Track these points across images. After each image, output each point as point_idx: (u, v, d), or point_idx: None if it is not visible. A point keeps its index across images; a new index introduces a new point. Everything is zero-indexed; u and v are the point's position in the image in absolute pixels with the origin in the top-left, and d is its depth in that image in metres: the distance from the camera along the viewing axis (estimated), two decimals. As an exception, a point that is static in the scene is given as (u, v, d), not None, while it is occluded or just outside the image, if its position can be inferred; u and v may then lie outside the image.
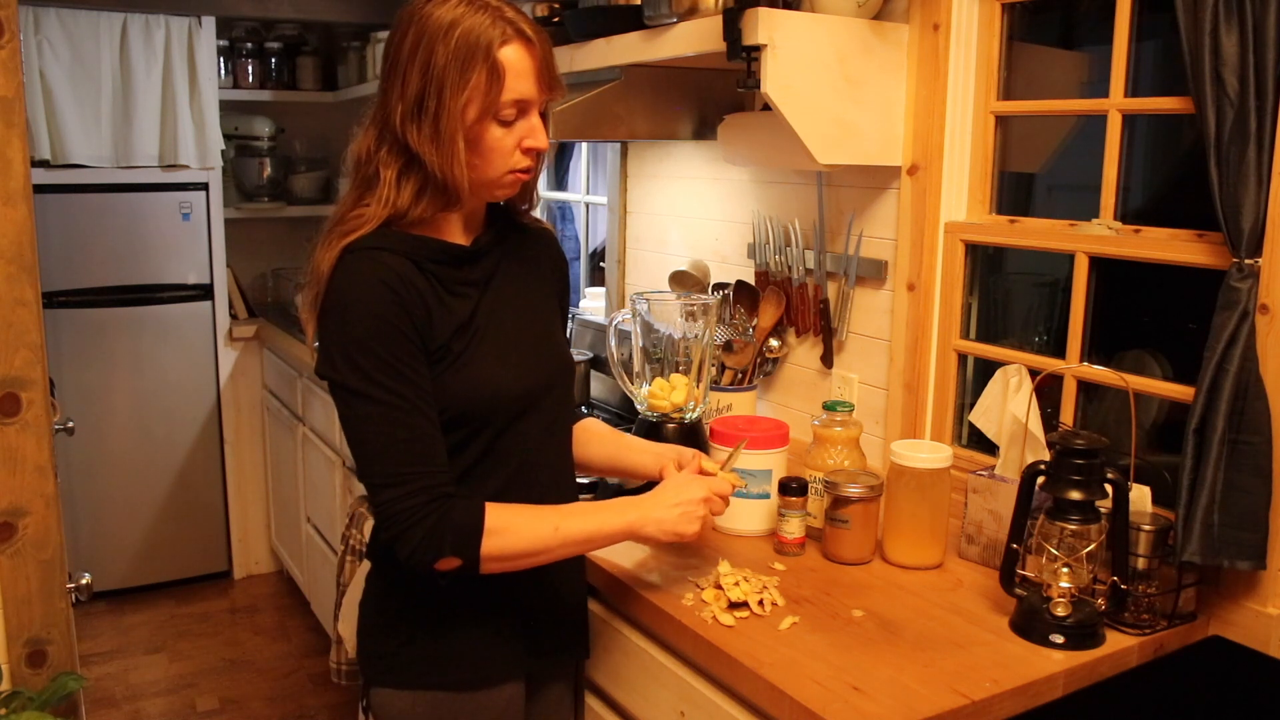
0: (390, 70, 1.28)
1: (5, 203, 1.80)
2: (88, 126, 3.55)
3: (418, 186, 1.29)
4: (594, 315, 3.09)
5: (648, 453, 1.62)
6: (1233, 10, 1.38)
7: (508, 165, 1.31)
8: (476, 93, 1.24)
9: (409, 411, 1.27)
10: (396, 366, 1.26)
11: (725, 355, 2.21)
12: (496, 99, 1.25)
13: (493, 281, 1.40)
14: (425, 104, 1.25)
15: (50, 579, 1.93)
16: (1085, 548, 1.41)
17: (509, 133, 1.29)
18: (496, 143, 1.29)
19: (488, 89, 1.24)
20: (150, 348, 3.80)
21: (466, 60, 1.23)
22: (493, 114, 1.27)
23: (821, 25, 1.81)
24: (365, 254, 1.28)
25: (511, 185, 1.35)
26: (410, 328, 1.28)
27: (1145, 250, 1.63)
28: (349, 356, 1.26)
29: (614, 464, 1.65)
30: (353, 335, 1.26)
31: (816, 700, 1.24)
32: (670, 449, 1.61)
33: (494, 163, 1.30)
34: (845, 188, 2.13)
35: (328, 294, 1.28)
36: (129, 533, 3.86)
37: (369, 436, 1.27)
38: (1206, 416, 1.44)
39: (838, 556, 1.69)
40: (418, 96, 1.25)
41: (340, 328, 1.27)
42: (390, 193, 1.29)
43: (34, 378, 1.86)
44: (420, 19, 1.26)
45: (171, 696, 3.21)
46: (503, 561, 1.31)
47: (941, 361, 1.97)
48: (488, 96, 1.25)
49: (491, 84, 1.24)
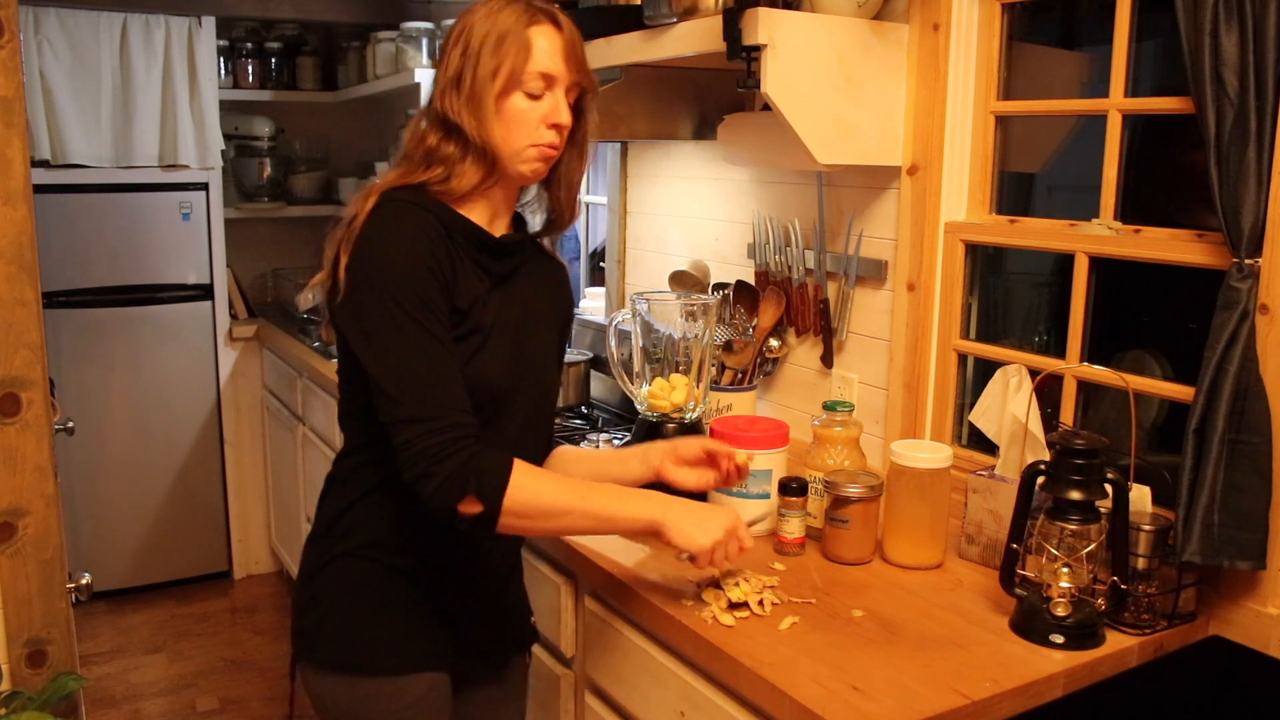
0: (438, 64, 1.41)
1: (5, 203, 1.80)
2: (88, 126, 3.55)
3: (457, 154, 1.37)
4: (594, 315, 3.09)
5: (632, 460, 1.60)
6: (1233, 10, 1.38)
7: (532, 138, 1.39)
8: (505, 62, 1.35)
9: (442, 350, 1.32)
10: (430, 307, 1.31)
11: (725, 355, 2.21)
12: (523, 68, 1.36)
13: (508, 282, 1.45)
14: (463, 77, 1.36)
15: (50, 579, 1.93)
16: (1085, 548, 1.41)
17: (535, 106, 1.38)
18: (522, 114, 1.38)
19: (515, 59, 1.35)
20: (150, 348, 3.80)
21: (501, 36, 1.35)
22: (519, 84, 1.37)
23: (821, 25, 1.81)
24: (402, 205, 1.35)
25: (535, 160, 1.41)
26: (442, 279, 1.33)
27: (1145, 250, 1.63)
28: (386, 291, 1.30)
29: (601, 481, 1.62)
30: (392, 272, 1.30)
31: (816, 700, 1.24)
32: (657, 447, 1.59)
33: (518, 133, 1.38)
34: (845, 188, 2.13)
35: (363, 234, 1.33)
36: (129, 533, 3.86)
37: (402, 371, 1.29)
38: (1206, 416, 1.44)
39: (838, 556, 1.69)
40: (457, 72, 1.36)
41: (378, 264, 1.31)
42: (429, 156, 1.38)
43: (34, 378, 1.86)
44: (465, 16, 1.39)
45: (171, 696, 3.21)
46: (522, 519, 1.33)
47: (941, 361, 1.97)
48: (515, 66, 1.35)
49: (519, 55, 1.35)
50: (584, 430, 2.67)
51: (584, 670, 1.78)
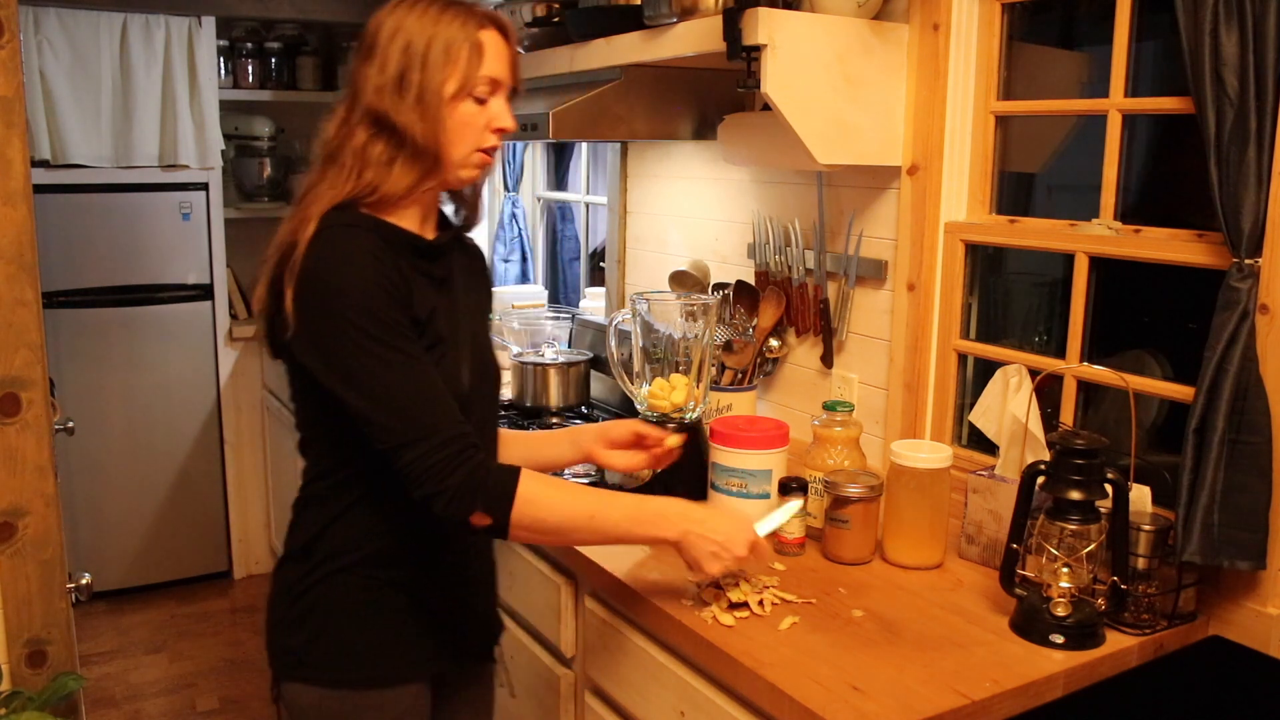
0: (365, 56, 1.35)
1: (5, 203, 1.80)
2: (88, 126, 3.55)
3: (387, 156, 1.33)
4: (594, 315, 3.09)
5: (562, 443, 1.62)
6: (1233, 10, 1.38)
7: (477, 142, 1.38)
8: (457, 68, 1.33)
9: (419, 366, 1.30)
10: (396, 326, 1.29)
11: (725, 355, 2.21)
12: (474, 74, 1.34)
13: (448, 282, 1.44)
14: (408, 78, 1.32)
15: (50, 579, 1.93)
16: (1085, 548, 1.41)
17: (481, 111, 1.37)
18: (470, 119, 1.36)
19: (468, 64, 1.33)
20: (150, 348, 3.80)
21: (451, 41, 1.32)
22: (469, 90, 1.35)
23: (821, 25, 1.81)
24: (341, 230, 1.31)
25: (477, 166, 1.40)
26: (398, 295, 1.31)
27: (1145, 250, 1.63)
28: (348, 322, 1.27)
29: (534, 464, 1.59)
30: (349, 302, 1.27)
31: (817, 700, 1.24)
32: (587, 431, 1.61)
33: (466, 138, 1.37)
34: (845, 188, 2.13)
35: (307, 266, 1.28)
36: (129, 533, 3.86)
37: (387, 398, 1.27)
38: (1206, 416, 1.44)
39: (838, 556, 1.69)
40: (398, 74, 1.32)
41: (332, 297, 1.27)
42: (357, 160, 1.33)
43: (34, 378, 1.86)
44: (397, 14, 1.34)
45: (171, 696, 3.21)
46: (531, 532, 1.35)
47: (941, 361, 1.97)
48: (467, 71, 1.33)
49: (472, 60, 1.33)
50: (584, 430, 2.66)
51: (584, 670, 1.78)
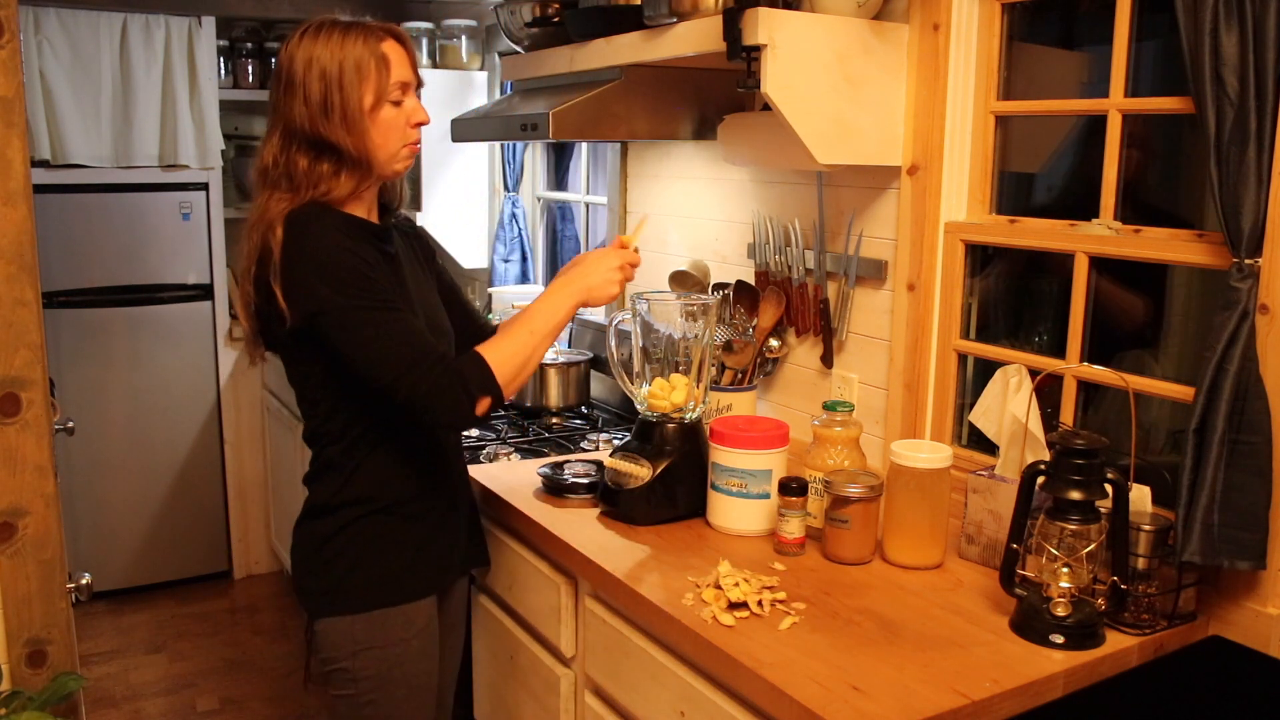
0: (285, 90, 1.54)
1: (5, 203, 1.80)
2: (88, 126, 3.55)
3: (332, 169, 1.54)
4: (594, 315, 3.09)
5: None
6: (1233, 10, 1.38)
7: (403, 139, 1.60)
8: (370, 82, 1.53)
9: (393, 313, 1.50)
10: (370, 285, 1.49)
11: (725, 355, 2.21)
12: (386, 83, 1.55)
13: (397, 258, 1.65)
14: (330, 102, 1.52)
15: (50, 579, 1.93)
16: (1085, 548, 1.41)
17: (400, 112, 1.58)
18: (391, 121, 1.57)
19: (378, 76, 1.54)
20: (150, 348, 3.80)
21: (359, 58, 1.52)
22: (385, 97, 1.55)
23: (821, 25, 1.81)
24: (308, 220, 1.50)
25: (407, 158, 1.62)
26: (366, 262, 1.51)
27: (1145, 250, 1.63)
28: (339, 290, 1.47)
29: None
30: (331, 271, 1.47)
31: (817, 700, 1.24)
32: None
33: (393, 138, 1.58)
34: (845, 188, 2.13)
35: (290, 258, 1.48)
36: (129, 533, 3.86)
37: (377, 339, 1.48)
38: (1206, 416, 1.44)
39: (838, 556, 1.69)
40: (321, 99, 1.51)
41: (316, 269, 1.47)
42: (307, 178, 1.53)
43: (34, 378, 1.86)
44: (305, 45, 1.53)
45: (171, 696, 3.21)
46: (515, 379, 1.56)
47: (941, 361, 1.97)
48: (379, 83, 1.54)
49: (380, 72, 1.54)
50: (584, 430, 2.66)
51: (584, 670, 1.78)
